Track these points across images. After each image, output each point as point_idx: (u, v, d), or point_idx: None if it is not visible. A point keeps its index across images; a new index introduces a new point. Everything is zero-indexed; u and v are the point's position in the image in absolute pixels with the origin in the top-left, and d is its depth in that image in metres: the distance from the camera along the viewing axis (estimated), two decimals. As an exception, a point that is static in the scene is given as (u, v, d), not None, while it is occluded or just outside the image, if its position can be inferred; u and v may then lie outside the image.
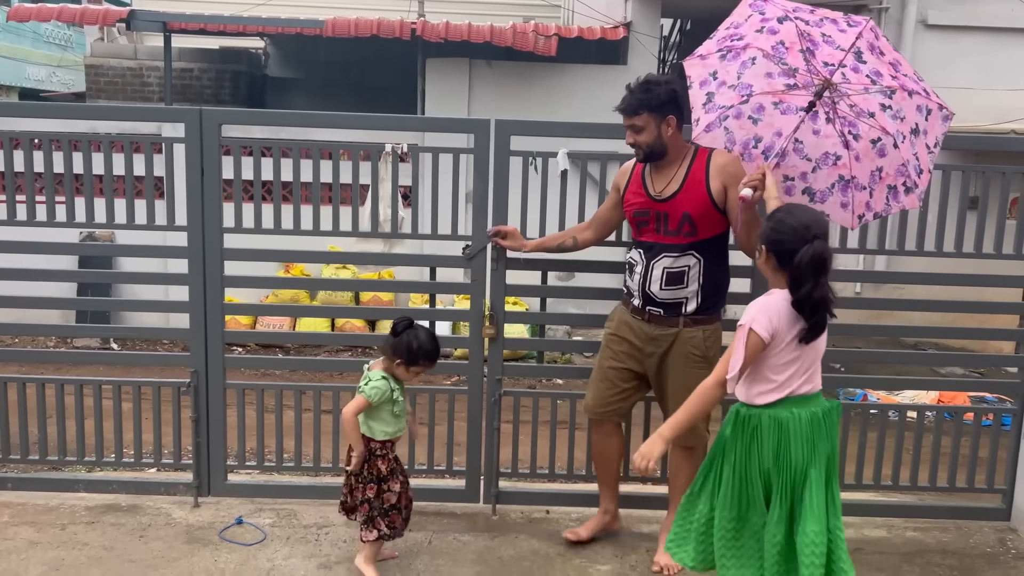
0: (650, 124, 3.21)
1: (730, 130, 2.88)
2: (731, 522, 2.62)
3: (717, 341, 3.38)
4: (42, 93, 16.98)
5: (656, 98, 3.18)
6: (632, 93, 3.22)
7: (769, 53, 2.80)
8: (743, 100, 2.82)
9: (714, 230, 3.27)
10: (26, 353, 4.91)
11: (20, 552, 3.39)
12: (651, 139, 3.23)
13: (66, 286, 8.56)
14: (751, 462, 2.59)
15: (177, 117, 3.83)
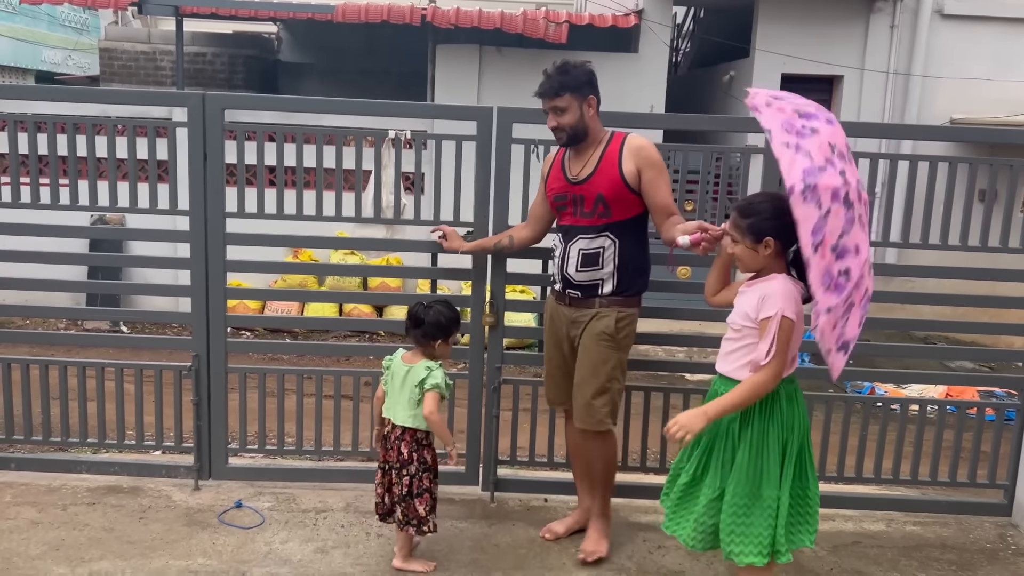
0: (572, 105, 3.22)
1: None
2: (744, 498, 2.64)
3: (630, 326, 3.35)
4: (57, 76, 17.06)
5: (576, 79, 3.21)
6: (551, 76, 3.23)
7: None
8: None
9: (628, 212, 3.27)
10: (36, 335, 4.97)
11: (21, 532, 3.42)
12: (574, 120, 3.24)
13: (77, 269, 8.61)
14: (769, 437, 2.65)
15: (180, 101, 3.84)
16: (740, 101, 10.27)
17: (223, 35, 12.90)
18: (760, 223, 2.61)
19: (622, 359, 3.36)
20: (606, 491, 3.52)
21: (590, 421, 3.34)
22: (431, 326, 3.13)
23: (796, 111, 2.48)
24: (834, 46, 10.08)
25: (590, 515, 3.57)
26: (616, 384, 3.35)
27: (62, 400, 3.96)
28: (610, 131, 3.34)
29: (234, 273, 3.81)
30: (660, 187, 3.23)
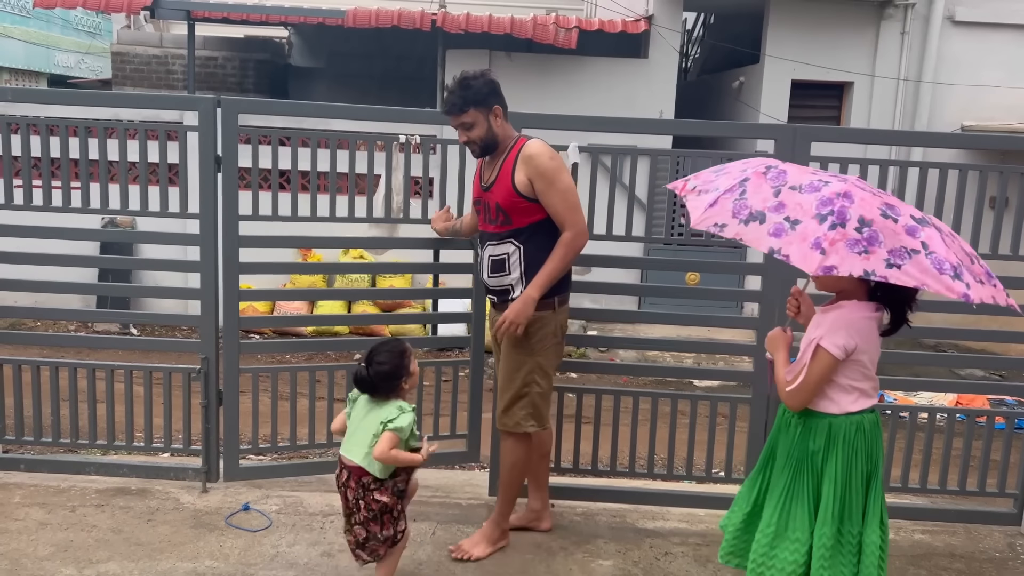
0: (479, 119, 3.24)
1: None
2: (831, 539, 2.53)
3: (544, 329, 3.33)
4: (70, 79, 17.18)
5: (479, 92, 3.22)
6: (453, 93, 3.23)
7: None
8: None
9: (528, 218, 3.26)
10: (46, 337, 4.99)
11: (30, 533, 3.44)
12: (483, 133, 3.27)
13: (87, 271, 8.66)
14: (854, 470, 2.54)
15: (191, 105, 3.86)
16: (750, 107, 10.26)
17: (234, 39, 12.96)
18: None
19: (540, 363, 3.34)
20: (506, 495, 3.48)
21: (507, 423, 3.38)
22: (382, 381, 2.87)
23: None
24: (844, 52, 10.06)
25: (536, 517, 3.65)
26: (536, 388, 3.35)
27: (71, 402, 3.98)
28: (516, 136, 3.35)
29: (243, 275, 3.83)
30: (550, 197, 3.22)
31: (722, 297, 4.82)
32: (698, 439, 4.04)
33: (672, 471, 4.08)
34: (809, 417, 2.58)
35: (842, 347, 2.45)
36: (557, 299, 3.34)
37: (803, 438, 2.59)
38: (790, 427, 2.64)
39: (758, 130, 5.44)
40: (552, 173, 3.20)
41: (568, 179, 3.26)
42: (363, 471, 2.85)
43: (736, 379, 4.92)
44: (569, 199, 3.23)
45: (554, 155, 3.25)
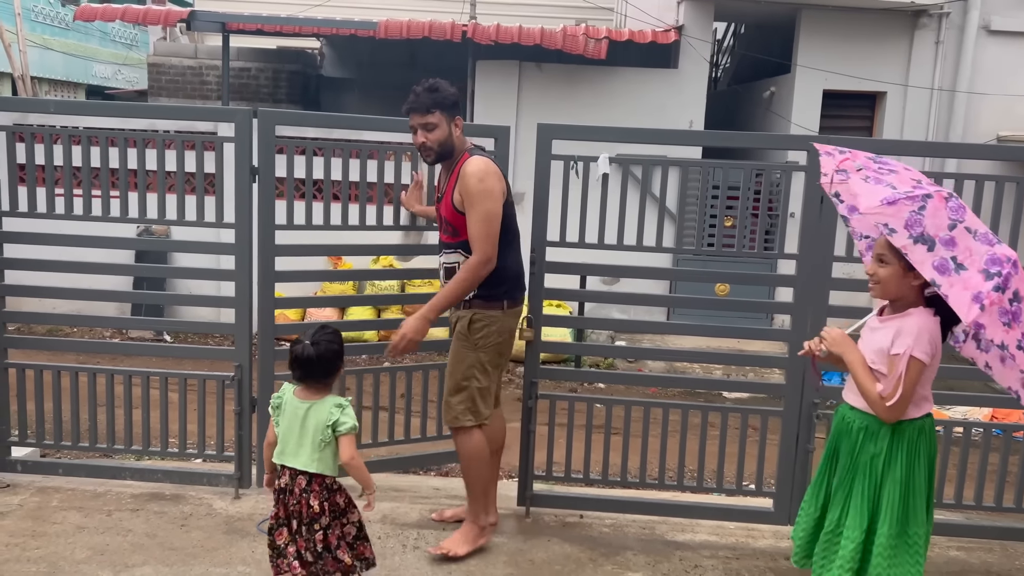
0: (442, 123, 3.30)
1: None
2: (894, 539, 2.59)
3: (488, 327, 3.38)
4: (107, 90, 17.51)
5: (447, 98, 3.30)
6: (421, 94, 3.29)
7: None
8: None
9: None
10: (83, 343, 5.09)
11: (68, 536, 3.50)
12: (443, 136, 3.31)
13: (123, 279, 8.81)
14: (917, 473, 2.61)
15: (228, 117, 3.92)
16: (781, 117, 10.20)
17: (267, 50, 13.14)
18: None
19: (481, 359, 3.40)
20: (472, 491, 3.51)
21: (447, 416, 3.47)
22: (328, 362, 2.79)
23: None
24: (877, 62, 9.97)
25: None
26: (475, 383, 3.40)
27: (108, 408, 4.05)
28: (465, 151, 3.37)
29: (277, 284, 3.88)
30: (469, 219, 3.27)
31: (752, 309, 4.79)
32: (728, 451, 4.02)
33: (702, 483, 4.05)
34: (872, 421, 2.62)
35: (929, 355, 2.51)
36: (506, 302, 3.41)
37: (866, 441, 2.63)
38: (852, 431, 2.67)
39: (790, 141, 5.40)
40: (475, 196, 3.24)
41: (490, 206, 3.25)
42: (323, 476, 2.78)
43: (766, 391, 4.88)
44: (483, 227, 3.25)
45: (484, 178, 3.25)
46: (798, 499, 3.84)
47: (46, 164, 3.89)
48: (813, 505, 2.81)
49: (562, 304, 8.73)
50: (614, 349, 7.73)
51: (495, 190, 3.27)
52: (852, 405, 2.69)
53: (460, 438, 3.47)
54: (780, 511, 3.88)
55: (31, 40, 14.00)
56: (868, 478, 2.62)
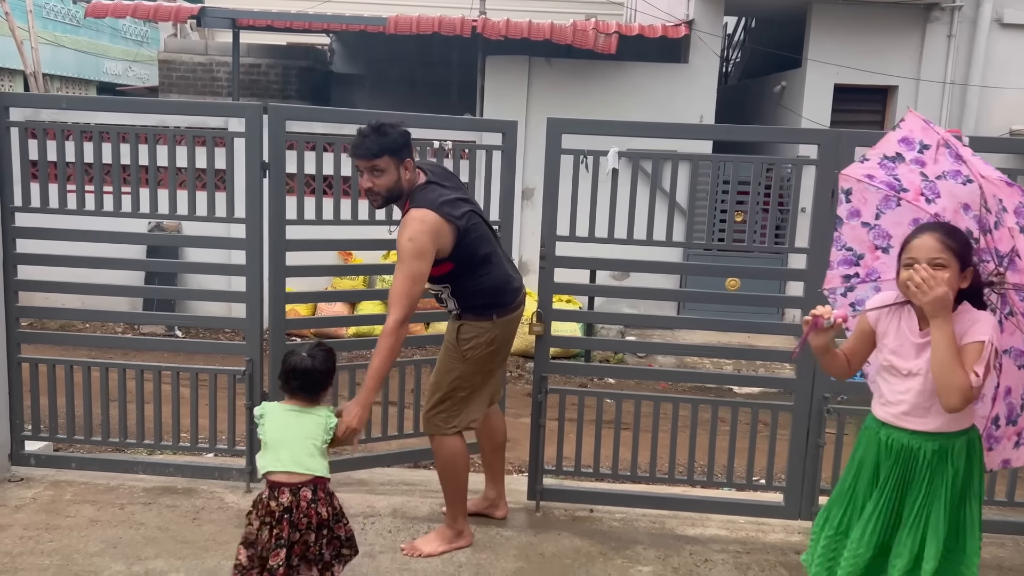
0: (390, 167, 3.18)
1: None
2: (976, 551, 2.45)
3: (477, 339, 3.35)
4: (118, 87, 17.57)
5: (395, 141, 3.17)
6: (367, 137, 3.17)
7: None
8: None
9: (437, 271, 3.23)
10: (95, 338, 5.12)
11: (81, 529, 3.53)
12: (391, 182, 3.21)
13: (134, 274, 8.86)
14: (971, 486, 2.45)
15: (239, 112, 3.94)
16: (792, 112, 10.17)
17: (277, 47, 13.17)
18: (967, 250, 2.36)
19: (468, 370, 3.38)
20: (448, 495, 3.50)
21: (427, 427, 3.46)
22: (321, 374, 2.88)
23: None
24: (889, 56, 9.92)
25: (490, 504, 3.76)
26: (460, 393, 3.40)
27: (120, 402, 4.07)
28: (411, 194, 3.24)
29: (288, 278, 3.90)
30: (395, 274, 3.13)
31: (762, 304, 4.78)
32: (739, 446, 4.01)
33: (712, 478, 4.05)
34: (945, 440, 2.41)
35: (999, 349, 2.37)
36: (495, 314, 3.37)
37: (942, 464, 2.41)
38: (922, 458, 2.42)
39: (801, 135, 5.38)
40: (403, 254, 3.12)
41: (414, 267, 3.10)
42: (323, 479, 2.82)
43: (777, 386, 4.87)
44: (403, 285, 3.10)
45: (414, 236, 3.10)
46: (809, 494, 3.84)
47: (58, 160, 3.91)
48: (865, 545, 2.47)
49: (572, 299, 8.72)
50: (624, 344, 7.75)
51: (425, 250, 3.11)
52: (915, 429, 2.42)
53: (437, 443, 3.45)
54: (791, 506, 3.87)
55: (43, 37, 14.06)
56: (947, 500, 2.41)
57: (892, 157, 2.50)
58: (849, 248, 2.67)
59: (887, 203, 2.56)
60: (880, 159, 2.53)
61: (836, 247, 2.70)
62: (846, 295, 2.73)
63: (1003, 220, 2.29)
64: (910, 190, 2.50)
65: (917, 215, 2.51)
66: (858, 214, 2.61)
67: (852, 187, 2.61)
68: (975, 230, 2.43)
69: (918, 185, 2.48)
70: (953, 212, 2.45)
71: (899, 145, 2.49)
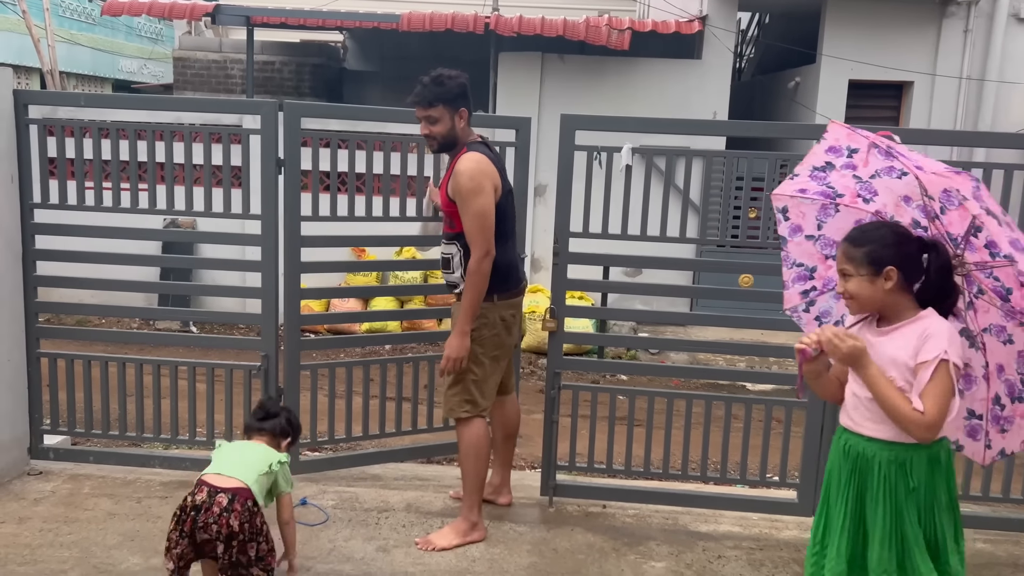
0: (444, 116, 3.33)
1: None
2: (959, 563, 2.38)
3: (481, 319, 3.39)
4: (133, 84, 17.67)
5: (450, 91, 3.32)
6: (426, 86, 3.32)
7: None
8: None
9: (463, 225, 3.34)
10: (111, 333, 5.16)
11: (99, 522, 3.57)
12: (445, 130, 3.35)
13: (150, 270, 8.91)
14: (938, 501, 2.35)
15: (254, 109, 3.97)
16: (806, 108, 10.12)
17: (291, 44, 13.21)
18: (880, 251, 2.28)
19: (476, 351, 3.40)
20: (467, 484, 3.52)
21: (445, 408, 3.51)
22: (286, 423, 3.13)
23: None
24: (904, 51, 9.84)
25: (493, 491, 3.82)
26: (471, 375, 3.43)
27: (137, 397, 4.11)
28: (467, 143, 3.39)
29: (302, 274, 3.92)
30: (463, 217, 3.30)
31: (777, 300, 4.73)
32: (752, 443, 4.01)
33: (725, 475, 4.05)
34: (901, 451, 2.32)
35: (963, 359, 2.27)
36: (496, 295, 3.42)
37: (900, 478, 2.31)
38: (878, 467, 2.33)
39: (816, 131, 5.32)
40: (466, 195, 3.27)
41: (481, 203, 3.26)
42: (250, 493, 2.81)
43: (791, 383, 4.86)
44: (476, 223, 3.27)
45: (474, 176, 3.26)
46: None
47: (76, 157, 3.95)
48: (839, 558, 2.39)
49: (584, 295, 8.72)
50: (637, 340, 7.72)
51: (485, 187, 3.27)
52: (870, 435, 2.34)
53: (460, 429, 3.50)
54: (804, 502, 3.87)
55: (59, 35, 14.15)
56: (918, 516, 2.32)
57: (822, 167, 2.48)
58: (799, 264, 2.63)
59: (825, 212, 2.53)
60: (810, 172, 2.50)
61: (786, 266, 2.67)
62: (808, 310, 2.68)
63: (953, 205, 2.27)
64: (846, 194, 2.47)
65: (858, 216, 2.47)
66: (800, 229, 2.58)
67: (786, 204, 2.58)
68: (922, 219, 2.39)
69: (853, 188, 2.45)
70: (895, 206, 2.42)
71: (827, 155, 2.47)
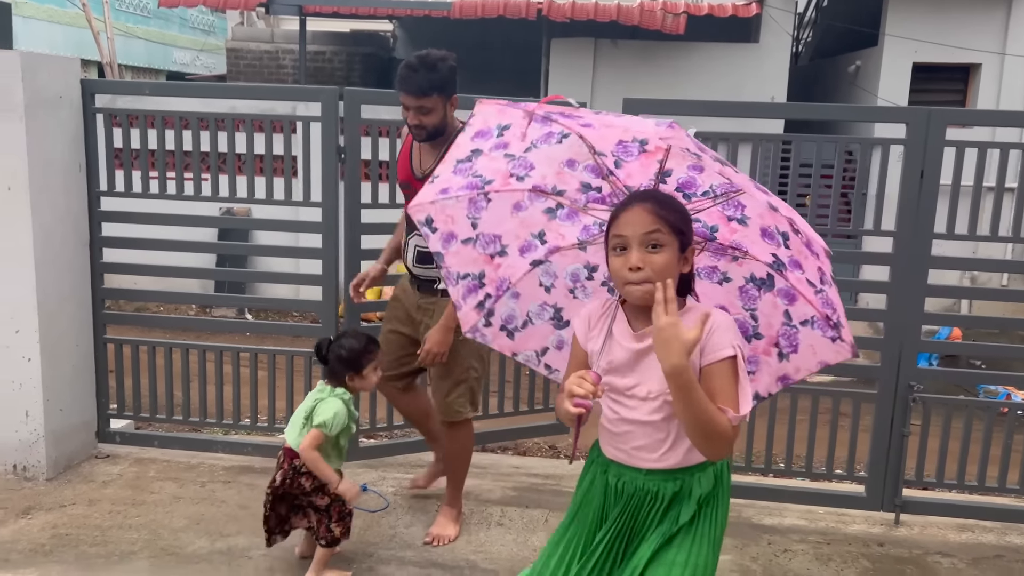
0: (438, 105, 3.07)
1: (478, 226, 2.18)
2: None
3: None
4: (186, 76, 17.97)
5: (444, 77, 3.05)
6: (417, 71, 3.02)
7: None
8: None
9: None
10: (171, 320, 5.24)
11: (165, 505, 3.62)
12: (437, 120, 3.10)
13: (206, 258, 9.05)
14: (715, 523, 1.96)
15: (314, 96, 3.96)
16: (867, 92, 9.86)
17: (341, 34, 13.30)
18: (684, 223, 1.86)
19: (475, 347, 3.26)
20: (457, 480, 3.50)
21: (448, 413, 3.37)
22: (335, 362, 2.99)
23: None
24: (971, 31, 9.52)
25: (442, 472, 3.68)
26: (473, 373, 3.35)
27: (200, 382, 4.16)
28: (460, 123, 3.11)
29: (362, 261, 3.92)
30: None
31: (842, 288, 4.60)
32: (818, 436, 3.91)
33: (790, 467, 3.96)
34: (686, 478, 1.92)
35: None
36: None
37: (677, 507, 1.92)
38: (658, 502, 1.92)
39: (890, 114, 5.10)
40: None
41: None
42: (294, 453, 2.95)
43: (856, 374, 4.74)
44: None
45: None
46: (892, 484, 3.73)
47: (141, 146, 4.00)
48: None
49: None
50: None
51: None
52: (652, 467, 1.91)
53: (456, 430, 3.42)
54: (872, 496, 3.76)
55: (116, 28, 14.44)
56: (690, 545, 1.91)
57: (467, 158, 2.10)
58: (465, 275, 2.24)
59: (475, 207, 2.16)
60: (453, 168, 2.12)
61: (451, 284, 2.25)
62: (490, 323, 2.29)
63: (632, 156, 1.96)
64: (495, 179, 2.10)
65: (515, 199, 2.14)
66: (452, 236, 2.20)
67: (430, 214, 2.18)
68: (593, 180, 2.07)
69: (505, 169, 2.09)
70: (556, 175, 2.08)
71: (474, 142, 2.09)
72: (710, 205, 1.98)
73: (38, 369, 3.74)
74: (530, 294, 2.25)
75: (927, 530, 3.70)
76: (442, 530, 3.45)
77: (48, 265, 3.75)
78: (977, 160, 3.58)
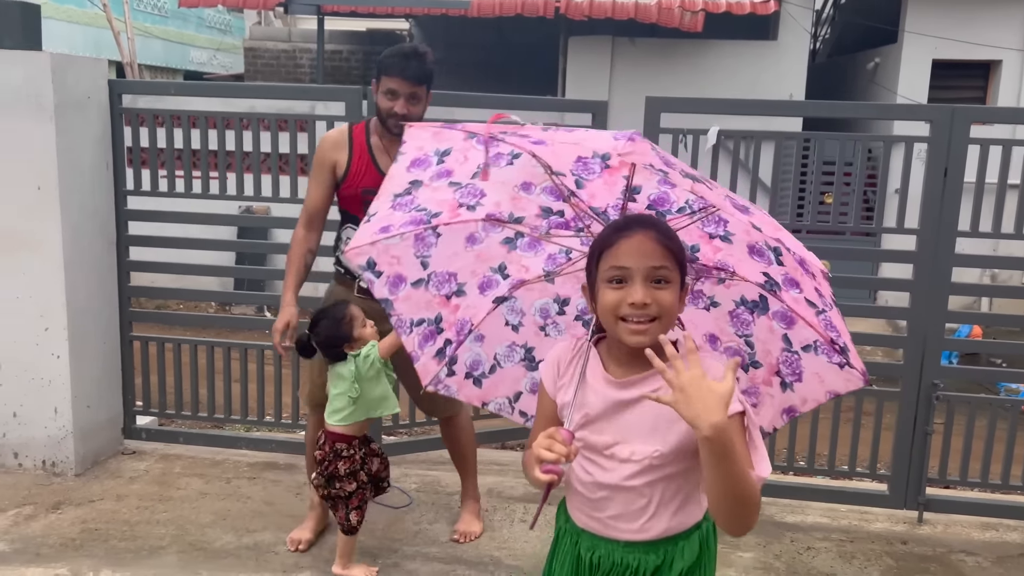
0: (424, 98, 3.07)
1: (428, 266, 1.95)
2: None
3: None
4: (204, 75, 18.07)
5: (431, 71, 3.05)
6: (412, 60, 2.97)
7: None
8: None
9: None
10: (194, 317, 5.30)
11: (192, 501, 3.67)
12: (422, 112, 3.08)
13: (226, 255, 9.10)
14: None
15: (338, 96, 4.00)
16: (886, 89, 9.81)
17: (358, 33, 13.35)
18: (682, 253, 1.63)
19: None
20: (471, 469, 3.53)
21: (447, 409, 3.37)
22: (324, 348, 2.92)
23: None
24: (992, 28, 9.45)
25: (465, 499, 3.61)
26: None
27: (225, 379, 4.20)
28: None
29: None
30: None
31: (853, 285, 4.54)
32: (841, 433, 3.91)
33: (813, 465, 3.96)
34: (671, 548, 1.70)
35: None
36: None
37: (665, 570, 1.70)
38: (625, 568, 1.69)
39: (914, 112, 5.06)
40: None
41: None
42: (336, 436, 2.99)
43: (878, 372, 4.71)
44: None
45: None
46: (915, 482, 3.72)
47: (167, 146, 4.04)
48: None
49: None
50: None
51: None
52: (630, 540, 1.67)
53: (458, 422, 3.44)
54: (895, 495, 3.76)
55: (135, 28, 14.55)
56: None
57: (405, 191, 1.86)
58: (419, 321, 1.99)
59: (423, 243, 1.92)
60: (390, 203, 1.87)
61: (404, 333, 2.00)
62: (454, 372, 2.04)
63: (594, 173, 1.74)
64: (443, 211, 1.86)
65: (468, 231, 1.91)
66: (401, 279, 1.96)
67: (371, 256, 1.93)
68: (553, 203, 1.84)
69: (452, 199, 1.85)
70: (511, 201, 1.86)
71: (410, 172, 1.86)
72: (688, 223, 1.76)
73: (67, 366, 3.79)
74: (496, 335, 2.00)
75: (951, 528, 3.69)
76: (468, 527, 3.47)
77: (77, 264, 3.80)
78: (1002, 157, 3.56)
